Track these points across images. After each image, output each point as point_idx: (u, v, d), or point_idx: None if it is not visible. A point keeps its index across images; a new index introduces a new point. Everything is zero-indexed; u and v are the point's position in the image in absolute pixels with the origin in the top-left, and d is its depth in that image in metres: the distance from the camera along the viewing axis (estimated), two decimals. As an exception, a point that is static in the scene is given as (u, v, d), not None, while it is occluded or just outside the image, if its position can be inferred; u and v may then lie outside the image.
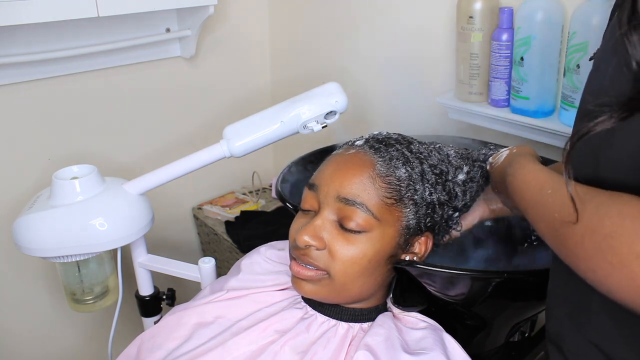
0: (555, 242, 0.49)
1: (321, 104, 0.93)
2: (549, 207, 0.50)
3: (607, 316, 0.50)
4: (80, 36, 1.37)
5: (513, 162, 0.67)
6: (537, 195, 0.54)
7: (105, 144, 1.52)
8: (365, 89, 1.49)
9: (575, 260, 0.46)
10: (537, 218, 0.53)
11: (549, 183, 0.53)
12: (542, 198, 0.53)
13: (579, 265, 0.46)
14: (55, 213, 0.94)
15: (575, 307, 0.55)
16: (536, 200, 0.54)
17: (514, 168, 0.64)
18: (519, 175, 0.62)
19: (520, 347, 0.96)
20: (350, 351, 0.69)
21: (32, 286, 1.49)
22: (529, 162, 0.64)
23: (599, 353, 0.52)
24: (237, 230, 1.62)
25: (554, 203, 0.49)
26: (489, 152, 0.81)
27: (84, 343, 1.63)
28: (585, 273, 0.45)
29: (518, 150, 0.73)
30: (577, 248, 0.45)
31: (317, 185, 0.72)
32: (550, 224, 0.49)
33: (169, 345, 0.78)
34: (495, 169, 0.76)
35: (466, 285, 0.73)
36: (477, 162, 0.80)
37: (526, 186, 0.58)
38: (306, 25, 1.64)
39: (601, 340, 0.52)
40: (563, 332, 0.57)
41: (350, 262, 0.69)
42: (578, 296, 0.53)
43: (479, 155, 0.81)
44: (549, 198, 0.51)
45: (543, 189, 0.54)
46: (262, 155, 1.68)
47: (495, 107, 1.11)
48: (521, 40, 1.01)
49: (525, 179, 0.60)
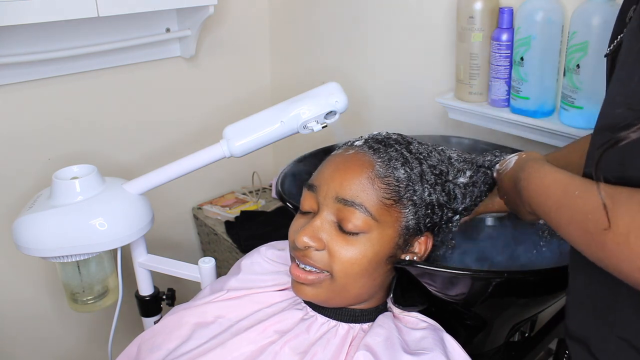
0: (591, 245, 0.48)
1: (321, 104, 0.93)
2: (579, 209, 0.49)
3: (633, 310, 0.49)
4: (80, 36, 1.37)
5: (525, 167, 0.66)
6: (562, 198, 0.53)
7: (105, 144, 1.52)
8: (365, 88, 1.49)
9: (617, 262, 0.45)
10: (563, 221, 0.52)
11: (574, 185, 0.52)
12: (569, 200, 0.51)
13: (622, 267, 0.44)
14: (55, 213, 0.94)
15: (601, 304, 0.54)
16: (561, 203, 0.53)
17: (527, 172, 0.63)
18: (535, 179, 0.61)
19: (520, 347, 0.96)
20: (351, 352, 0.69)
21: (32, 286, 1.49)
22: (542, 165, 0.62)
23: (629, 348, 0.51)
24: (237, 230, 1.62)
25: (585, 205, 0.48)
26: (495, 159, 0.79)
27: (84, 343, 1.63)
28: (631, 272, 0.43)
29: (527, 156, 0.71)
30: (622, 248, 0.43)
31: (316, 186, 0.72)
32: (582, 227, 0.48)
33: (168, 345, 0.78)
34: (504, 175, 0.74)
35: (466, 285, 0.73)
36: (481, 167, 0.79)
37: (546, 190, 0.57)
38: (306, 25, 1.64)
39: (630, 334, 0.51)
40: (589, 331, 0.56)
41: (349, 263, 0.69)
42: (602, 293, 0.53)
43: (484, 161, 0.80)
44: (577, 200, 0.50)
45: (567, 191, 0.52)
46: (262, 155, 1.68)
47: (495, 107, 1.11)
48: (521, 40, 1.01)
49: (543, 182, 0.59)
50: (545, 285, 0.76)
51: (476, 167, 0.79)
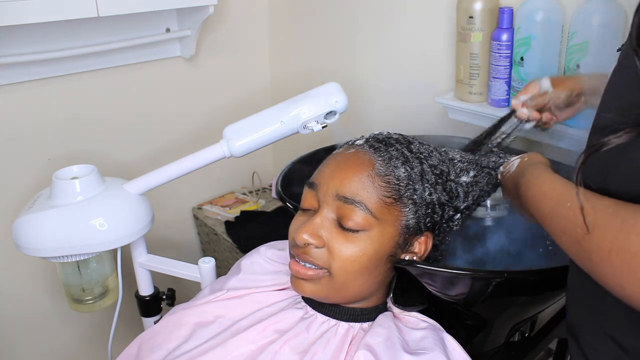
0: (579, 256, 0.49)
1: (321, 104, 0.93)
2: (570, 220, 0.50)
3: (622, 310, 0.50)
4: (80, 36, 1.37)
5: (525, 172, 0.66)
6: (556, 208, 0.54)
7: (105, 144, 1.52)
8: (365, 88, 1.49)
9: (602, 276, 0.45)
10: (556, 230, 0.53)
11: (567, 196, 0.52)
12: (562, 211, 0.52)
13: (605, 281, 0.45)
14: (55, 213, 0.94)
15: (593, 301, 0.55)
16: (555, 213, 0.54)
17: (527, 178, 0.64)
18: (533, 185, 0.61)
19: (520, 347, 0.96)
20: (351, 351, 0.69)
21: (32, 286, 1.49)
22: (542, 171, 0.63)
23: (612, 343, 0.52)
24: (237, 230, 1.62)
25: (575, 217, 0.49)
26: (499, 160, 0.80)
27: (84, 343, 1.63)
28: (612, 288, 0.44)
29: (530, 159, 0.72)
30: (604, 264, 0.44)
31: (317, 184, 0.72)
32: (573, 238, 0.49)
33: (168, 345, 0.78)
34: (507, 177, 0.75)
35: (466, 285, 0.73)
36: (485, 168, 0.79)
37: (542, 197, 0.58)
38: (306, 25, 1.64)
39: (615, 331, 0.52)
40: (580, 325, 0.57)
41: (349, 261, 0.69)
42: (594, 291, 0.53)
43: (489, 162, 0.80)
44: (569, 211, 0.50)
45: (561, 201, 0.53)
46: (262, 155, 1.68)
47: (495, 107, 1.11)
48: (521, 40, 1.01)
49: (540, 189, 0.59)
50: (546, 285, 0.76)
51: (480, 167, 0.79)
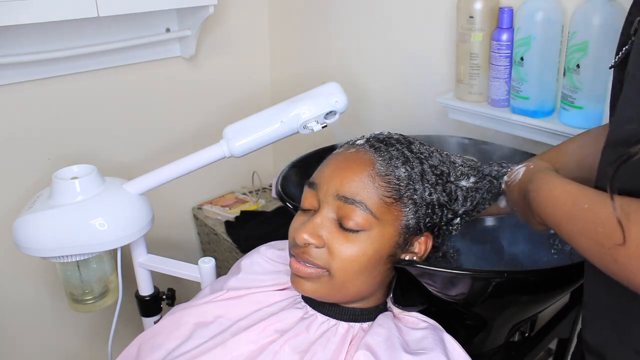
0: (602, 257, 0.48)
1: (321, 104, 0.93)
2: (590, 221, 0.49)
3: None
4: (80, 36, 1.37)
5: (534, 178, 0.66)
6: (572, 210, 0.53)
7: (105, 144, 1.52)
8: (365, 88, 1.49)
9: (629, 275, 0.45)
10: (574, 234, 0.52)
11: (583, 197, 0.52)
12: (580, 213, 0.51)
13: (633, 279, 0.45)
14: (55, 213, 0.94)
15: (619, 317, 0.54)
16: (571, 215, 0.53)
17: (536, 184, 0.63)
18: (544, 190, 0.60)
19: (520, 347, 0.96)
20: (351, 351, 0.69)
21: (32, 286, 1.49)
22: (552, 176, 0.63)
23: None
24: (237, 230, 1.62)
25: (594, 217, 0.48)
26: (502, 170, 0.78)
27: (84, 343, 1.63)
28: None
29: (535, 166, 0.71)
30: (633, 262, 0.44)
31: (317, 184, 0.72)
32: (593, 239, 0.48)
33: (168, 345, 0.78)
34: (513, 186, 0.74)
35: (466, 285, 0.73)
36: (488, 176, 0.78)
37: (555, 201, 0.57)
38: (306, 25, 1.64)
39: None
40: (606, 344, 0.56)
41: (349, 261, 0.69)
42: (620, 306, 0.53)
43: (491, 170, 0.79)
44: (587, 213, 0.50)
45: (577, 203, 0.52)
46: (262, 155, 1.68)
47: (495, 107, 1.11)
48: (521, 40, 1.01)
49: (552, 194, 0.59)
50: (546, 285, 0.76)
51: (482, 174, 0.78)
